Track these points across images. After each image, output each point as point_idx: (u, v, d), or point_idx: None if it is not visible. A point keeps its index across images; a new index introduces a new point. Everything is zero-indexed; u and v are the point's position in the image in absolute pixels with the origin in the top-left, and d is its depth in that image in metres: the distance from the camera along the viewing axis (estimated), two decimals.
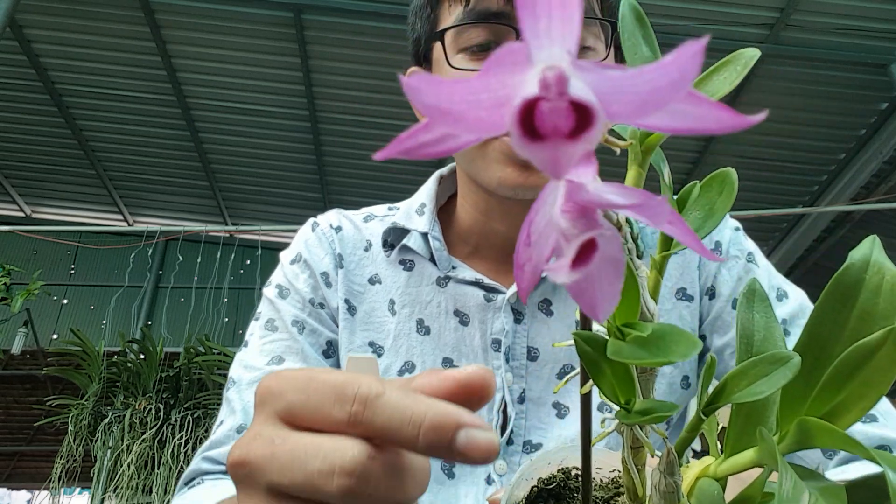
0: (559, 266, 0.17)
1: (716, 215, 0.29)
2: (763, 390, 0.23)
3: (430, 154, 0.17)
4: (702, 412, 0.26)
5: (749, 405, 0.27)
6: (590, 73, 0.15)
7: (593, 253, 0.17)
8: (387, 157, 0.18)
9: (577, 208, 0.17)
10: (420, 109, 0.15)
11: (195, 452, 0.73)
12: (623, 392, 0.26)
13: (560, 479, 0.38)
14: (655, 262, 0.30)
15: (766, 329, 0.28)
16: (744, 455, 0.26)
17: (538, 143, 0.15)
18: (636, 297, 0.26)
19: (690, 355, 0.22)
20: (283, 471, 0.27)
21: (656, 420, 0.25)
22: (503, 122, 0.15)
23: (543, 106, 0.15)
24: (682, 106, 0.16)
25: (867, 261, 0.25)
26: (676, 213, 0.17)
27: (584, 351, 0.26)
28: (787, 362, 0.23)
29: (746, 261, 0.74)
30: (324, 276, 0.77)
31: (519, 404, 0.69)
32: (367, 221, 0.83)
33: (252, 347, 0.74)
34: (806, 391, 0.24)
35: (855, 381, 0.23)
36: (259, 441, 0.29)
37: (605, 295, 0.19)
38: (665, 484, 0.27)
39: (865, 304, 0.24)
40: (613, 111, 0.15)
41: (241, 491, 0.30)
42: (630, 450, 0.29)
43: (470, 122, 0.15)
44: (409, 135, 0.17)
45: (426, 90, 0.15)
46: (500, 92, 0.15)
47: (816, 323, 0.25)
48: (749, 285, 0.30)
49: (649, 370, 0.29)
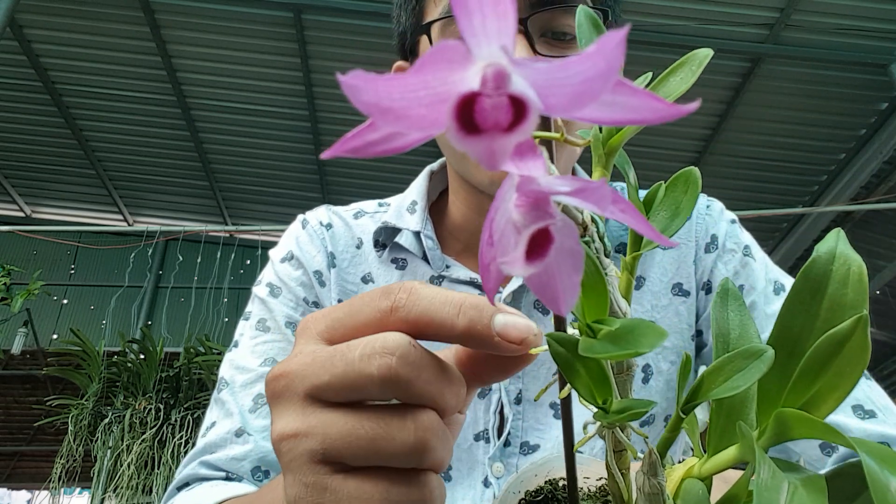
0: (514, 258, 0.17)
1: (682, 214, 0.30)
2: (739, 385, 0.24)
3: (378, 153, 0.18)
4: (681, 410, 0.27)
5: (728, 403, 0.27)
6: (526, 68, 0.15)
7: (549, 245, 0.17)
8: (332, 156, 0.18)
9: (528, 202, 0.17)
10: (360, 108, 0.15)
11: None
12: (599, 392, 0.26)
13: (547, 491, 0.38)
14: (626, 263, 0.31)
15: (742, 326, 0.28)
16: (726, 453, 0.26)
17: (474, 137, 0.15)
18: (604, 293, 0.26)
19: (657, 345, 0.22)
20: (323, 368, 0.27)
21: (633, 417, 0.25)
22: (444, 119, 0.15)
23: (483, 101, 0.15)
24: (619, 98, 0.17)
25: (833, 253, 0.26)
26: (622, 197, 0.18)
27: (557, 352, 0.26)
28: (761, 356, 0.24)
29: (743, 254, 0.72)
30: (317, 275, 0.75)
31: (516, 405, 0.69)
32: (357, 218, 0.81)
33: (243, 348, 0.72)
34: (781, 385, 0.25)
35: (829, 371, 0.23)
36: (299, 356, 0.29)
37: (566, 287, 0.19)
38: (649, 486, 0.27)
39: (834, 294, 0.25)
40: (551, 104, 0.16)
41: (276, 406, 0.29)
42: (613, 454, 0.29)
43: (412, 120, 0.16)
44: (355, 134, 0.18)
45: (364, 88, 0.15)
46: (440, 89, 0.15)
47: (788, 316, 0.26)
48: (722, 284, 0.30)
49: (626, 370, 0.29)
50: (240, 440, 0.65)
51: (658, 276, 0.72)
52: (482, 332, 0.27)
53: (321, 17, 4.42)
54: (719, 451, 0.27)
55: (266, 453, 0.64)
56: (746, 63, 4.52)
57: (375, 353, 0.26)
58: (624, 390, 0.29)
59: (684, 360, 0.27)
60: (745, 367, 0.24)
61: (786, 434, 0.24)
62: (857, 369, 0.23)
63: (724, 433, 0.27)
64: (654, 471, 0.27)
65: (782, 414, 0.23)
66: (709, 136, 5.13)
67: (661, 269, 0.73)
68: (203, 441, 0.67)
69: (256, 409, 0.67)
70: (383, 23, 4.25)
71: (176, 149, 5.93)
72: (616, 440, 0.29)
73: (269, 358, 0.70)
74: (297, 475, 0.28)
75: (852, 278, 0.25)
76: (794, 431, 0.23)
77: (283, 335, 0.72)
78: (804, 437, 0.23)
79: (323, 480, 0.27)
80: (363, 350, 0.27)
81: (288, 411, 0.28)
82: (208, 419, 0.69)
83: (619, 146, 0.30)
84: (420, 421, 0.27)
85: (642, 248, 0.30)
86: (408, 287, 0.29)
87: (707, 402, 0.28)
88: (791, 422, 0.23)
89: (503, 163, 0.16)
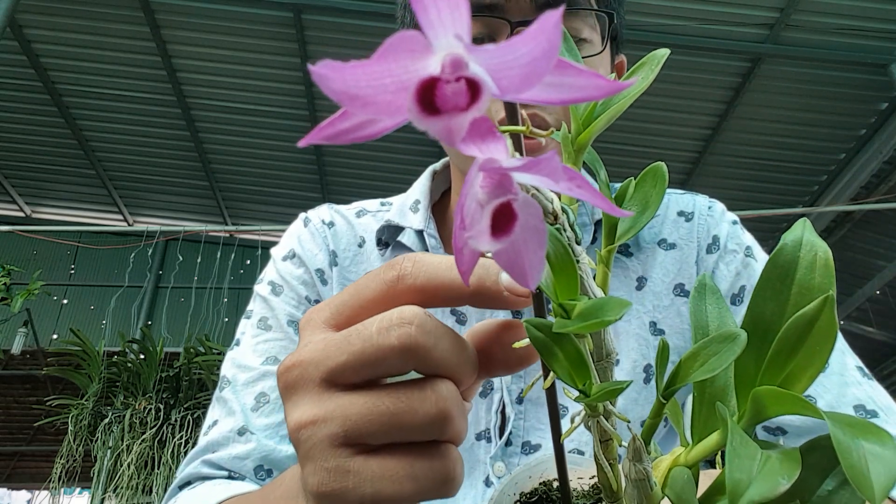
0: (479, 231, 0.19)
1: (650, 208, 0.31)
2: (715, 367, 0.25)
3: (351, 139, 0.19)
4: (661, 396, 0.28)
5: (710, 392, 0.28)
6: (480, 53, 0.17)
7: (514, 222, 0.19)
8: (308, 144, 0.19)
9: (491, 182, 0.19)
10: (330, 96, 0.17)
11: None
12: (579, 377, 0.27)
13: (542, 492, 0.38)
14: (601, 257, 0.32)
15: (720, 318, 0.29)
16: (710, 439, 0.27)
17: (434, 117, 0.17)
18: (574, 276, 0.28)
19: (621, 314, 0.24)
20: (339, 350, 0.27)
21: (611, 395, 0.26)
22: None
23: (443, 86, 0.17)
24: (566, 79, 0.18)
25: (799, 241, 0.27)
26: (575, 171, 0.19)
27: (535, 336, 0.27)
28: (735, 339, 0.25)
29: (745, 255, 0.72)
30: (319, 273, 0.75)
31: (518, 405, 0.68)
32: (359, 217, 0.81)
33: (245, 346, 0.72)
34: (757, 368, 0.25)
35: (800, 350, 0.24)
36: (310, 345, 0.29)
37: (532, 262, 0.20)
38: (635, 471, 0.28)
39: (803, 279, 0.26)
40: (504, 86, 0.17)
41: (291, 397, 0.29)
42: (600, 444, 0.30)
43: (379, 106, 0.17)
44: (328, 123, 0.19)
45: (332, 76, 0.16)
46: (403, 77, 0.17)
47: (759, 302, 0.27)
48: (699, 280, 0.31)
49: (605, 357, 0.30)
50: (242, 439, 0.65)
51: (660, 277, 0.72)
52: (491, 289, 0.28)
53: (321, 17, 4.43)
54: (703, 438, 0.27)
55: (269, 452, 0.64)
56: (746, 63, 4.52)
57: (393, 325, 0.27)
58: (605, 377, 0.30)
59: (661, 346, 0.27)
60: (720, 350, 0.25)
61: (763, 413, 0.24)
62: (826, 347, 0.24)
63: (708, 421, 0.28)
64: (640, 457, 0.27)
65: (757, 393, 0.24)
66: (709, 136, 5.13)
67: (663, 269, 0.73)
68: (205, 439, 0.66)
69: (259, 407, 0.67)
70: (383, 23, 4.25)
71: (176, 149, 5.93)
72: (602, 430, 0.29)
73: (270, 356, 0.70)
74: (319, 461, 0.27)
75: (819, 263, 0.26)
76: (770, 409, 0.24)
77: (285, 333, 0.72)
78: (780, 414, 0.24)
79: (345, 463, 0.27)
80: (380, 324, 0.27)
81: (304, 400, 0.28)
82: (210, 417, 0.69)
83: (587, 143, 0.31)
84: (440, 391, 0.27)
85: (616, 240, 0.31)
86: (411, 257, 0.29)
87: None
88: (766, 400, 0.24)
89: (460, 139, 0.17)
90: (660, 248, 0.74)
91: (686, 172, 5.47)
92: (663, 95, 4.65)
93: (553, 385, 0.30)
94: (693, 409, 0.28)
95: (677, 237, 0.74)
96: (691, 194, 0.78)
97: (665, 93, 4.61)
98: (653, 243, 0.74)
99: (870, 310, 6.51)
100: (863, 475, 0.18)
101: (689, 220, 0.75)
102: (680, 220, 0.75)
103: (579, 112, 0.31)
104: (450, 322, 0.72)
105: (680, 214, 0.75)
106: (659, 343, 0.28)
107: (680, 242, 0.74)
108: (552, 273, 0.28)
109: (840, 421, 0.20)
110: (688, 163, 5.41)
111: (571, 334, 0.27)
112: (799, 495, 0.23)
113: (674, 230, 0.74)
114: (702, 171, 5.44)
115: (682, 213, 0.76)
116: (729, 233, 0.74)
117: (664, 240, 0.74)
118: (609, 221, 0.32)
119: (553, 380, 0.29)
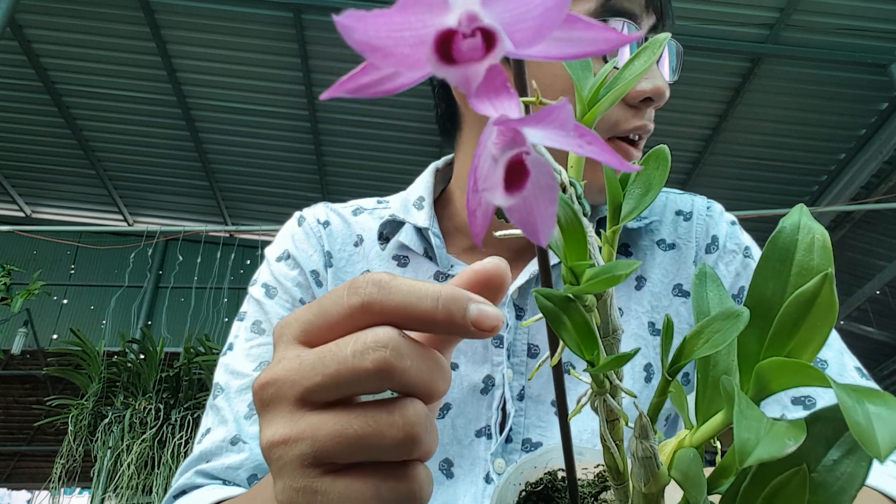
0: (493, 184, 0.19)
1: (653, 190, 0.32)
2: (719, 343, 0.25)
3: (373, 93, 0.20)
4: (666, 373, 0.28)
5: (713, 373, 0.29)
6: (494, 6, 0.18)
7: (526, 178, 0.20)
8: (330, 97, 0.20)
9: (504, 138, 0.19)
10: (353, 46, 0.17)
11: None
12: (587, 348, 0.28)
13: (547, 481, 0.38)
14: (607, 237, 0.33)
15: (721, 304, 0.30)
16: (714, 419, 0.27)
17: (452, 66, 0.18)
18: (583, 240, 0.28)
19: (630, 271, 0.25)
20: (314, 370, 0.28)
21: (621, 363, 0.27)
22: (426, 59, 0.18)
23: (459, 38, 0.17)
24: (575, 33, 0.19)
25: (797, 224, 0.28)
26: (586, 128, 0.20)
27: (544, 306, 0.28)
28: (738, 316, 0.25)
29: (744, 255, 0.72)
30: (314, 275, 0.74)
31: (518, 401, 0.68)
32: (356, 215, 0.80)
33: (238, 351, 0.71)
34: (759, 346, 0.26)
35: (801, 327, 0.25)
36: (284, 362, 0.29)
37: (543, 218, 0.21)
38: (642, 449, 0.28)
39: (802, 261, 0.27)
40: (517, 39, 0.18)
41: (265, 414, 0.29)
42: (606, 423, 0.30)
43: (398, 58, 0.18)
44: (349, 77, 0.20)
45: (355, 26, 0.17)
46: (421, 31, 0.17)
47: (760, 283, 0.27)
48: (699, 269, 0.32)
49: (611, 333, 0.31)
50: (235, 448, 0.64)
51: (659, 277, 0.72)
52: (459, 323, 0.28)
53: (321, 17, 4.43)
54: (707, 419, 0.28)
55: (262, 461, 0.64)
56: (746, 63, 4.53)
57: (368, 349, 0.27)
58: (612, 353, 0.30)
59: (666, 322, 0.28)
60: (723, 327, 0.26)
61: (767, 388, 0.25)
62: (827, 323, 0.24)
63: (712, 402, 0.28)
64: (646, 434, 0.28)
65: (761, 367, 0.25)
66: (709, 136, 5.13)
67: (661, 269, 0.73)
68: (199, 448, 0.66)
69: (252, 415, 0.66)
70: None
71: (176, 149, 5.93)
72: (609, 409, 0.30)
73: (263, 361, 0.69)
74: (288, 480, 0.28)
75: (816, 245, 0.27)
76: (774, 383, 0.25)
77: None
78: (784, 387, 0.24)
79: (313, 484, 0.28)
80: (355, 347, 0.27)
81: (277, 418, 0.29)
82: (204, 425, 0.69)
83: (592, 123, 0.32)
84: (407, 415, 0.28)
85: (621, 220, 0.32)
86: (375, 280, 0.28)
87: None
88: (770, 374, 0.24)
89: (476, 83, 0.18)
90: (658, 248, 0.74)
91: (686, 172, 5.47)
92: None
93: (559, 364, 0.30)
94: (697, 391, 0.29)
95: (676, 237, 0.74)
96: (689, 194, 0.78)
97: None
98: (651, 243, 0.74)
99: (870, 310, 6.51)
100: (868, 434, 0.19)
101: (687, 219, 0.75)
102: (678, 220, 0.75)
103: (584, 93, 0.32)
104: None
105: (678, 214, 0.76)
106: (664, 319, 0.28)
107: (678, 242, 0.74)
108: (562, 236, 0.28)
109: (846, 388, 0.21)
110: (688, 163, 5.41)
111: (580, 304, 0.28)
112: (803, 462, 0.24)
113: (672, 230, 0.74)
114: (702, 171, 5.44)
115: (680, 213, 0.76)
116: (728, 233, 0.74)
117: (663, 240, 0.74)
118: (614, 201, 0.33)
119: (560, 357, 0.30)
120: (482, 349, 0.71)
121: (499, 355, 0.70)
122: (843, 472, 0.24)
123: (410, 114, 5.10)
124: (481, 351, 0.71)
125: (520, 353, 0.70)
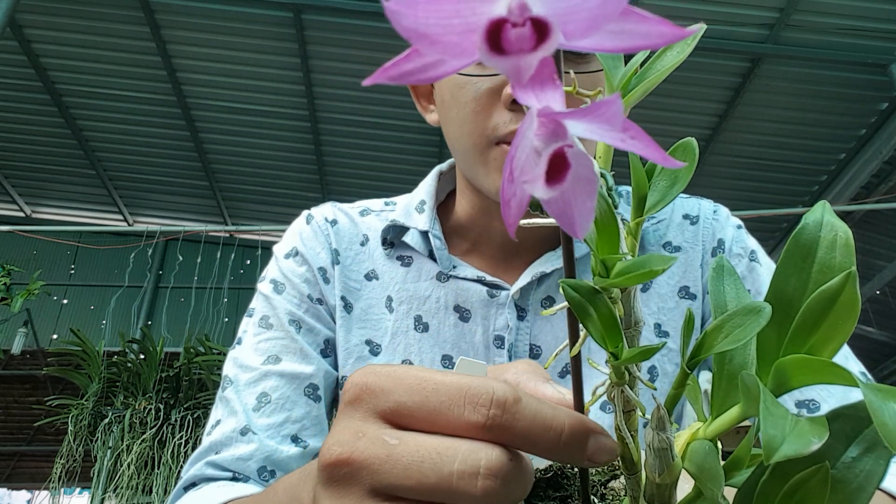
0: (535, 177, 0.19)
1: (679, 182, 0.32)
2: (740, 338, 0.25)
3: (415, 81, 0.19)
4: (686, 366, 0.28)
5: (729, 367, 0.28)
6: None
7: (567, 171, 0.19)
8: (373, 83, 0.19)
9: (547, 130, 0.19)
10: (400, 32, 0.17)
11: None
12: (611, 340, 0.28)
13: (557, 468, 0.39)
14: (630, 228, 0.33)
15: (738, 298, 0.30)
16: (730, 413, 0.27)
17: (503, 56, 0.17)
18: (615, 232, 0.28)
19: (667, 266, 0.24)
20: (406, 471, 0.26)
21: (646, 356, 0.27)
22: (474, 48, 0.17)
23: (508, 28, 0.17)
24: (628, 25, 0.18)
25: (820, 221, 0.27)
26: (630, 122, 0.19)
27: (571, 297, 0.27)
28: (759, 312, 0.25)
29: (749, 259, 0.73)
30: (321, 272, 0.75)
31: None
32: (363, 216, 0.81)
33: (246, 345, 0.72)
34: (779, 342, 0.26)
35: (822, 325, 0.25)
36: (366, 440, 0.27)
37: (581, 212, 0.21)
38: (658, 440, 0.28)
39: (824, 258, 0.26)
40: (569, 31, 0.17)
41: (332, 491, 0.28)
42: (623, 414, 0.30)
43: (446, 46, 0.17)
44: (392, 64, 0.19)
45: (405, 13, 0.17)
46: (470, 19, 0.17)
47: (781, 279, 0.27)
48: (716, 262, 0.32)
49: (633, 325, 0.31)
50: (245, 438, 0.65)
51: (665, 279, 0.73)
52: (576, 457, 0.27)
53: (321, 17, 4.43)
54: (722, 412, 0.28)
55: (271, 452, 0.64)
56: (746, 63, 4.53)
57: (478, 474, 0.25)
58: (633, 346, 0.30)
59: (688, 316, 0.28)
60: (744, 322, 0.25)
61: (786, 384, 0.25)
62: (849, 322, 0.24)
63: (727, 396, 0.28)
64: (663, 425, 0.28)
65: (781, 364, 0.24)
66: (709, 136, 5.13)
67: (668, 272, 0.73)
68: (208, 440, 0.67)
69: (260, 407, 0.67)
70: (383, 23, 4.25)
71: (176, 149, 5.93)
72: (626, 400, 0.30)
73: (271, 355, 0.70)
74: None
75: (839, 243, 0.27)
76: (794, 379, 0.24)
77: (286, 332, 0.72)
78: (804, 384, 0.24)
79: None
80: (461, 466, 0.25)
81: (347, 500, 0.27)
82: (213, 417, 0.70)
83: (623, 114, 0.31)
84: None
85: (644, 213, 0.32)
86: (500, 401, 0.26)
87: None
88: (790, 371, 0.24)
89: (528, 76, 0.18)
90: (665, 251, 0.74)
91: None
92: (663, 95, 4.65)
93: (578, 354, 0.30)
94: (713, 385, 0.29)
95: (682, 240, 0.75)
96: (696, 198, 0.79)
97: (665, 93, 4.61)
98: (658, 246, 0.74)
99: (870, 310, 6.51)
100: (893, 433, 0.19)
101: (694, 223, 0.75)
102: (685, 223, 0.76)
103: (615, 84, 0.32)
104: (452, 319, 0.72)
105: (685, 218, 0.76)
106: (686, 312, 0.28)
107: (685, 245, 0.74)
108: (595, 229, 0.28)
109: (872, 386, 0.21)
110: None
111: (606, 297, 0.28)
112: (825, 459, 0.24)
113: (679, 233, 0.75)
114: (702, 171, 5.44)
115: (687, 217, 0.76)
116: (734, 237, 0.75)
117: (669, 243, 0.74)
118: (639, 193, 0.32)
119: (580, 348, 0.30)
120: (482, 349, 0.71)
121: (500, 356, 0.70)
122: (862, 470, 0.24)
123: (410, 114, 5.10)
124: (482, 351, 0.71)
125: (521, 354, 0.70)
